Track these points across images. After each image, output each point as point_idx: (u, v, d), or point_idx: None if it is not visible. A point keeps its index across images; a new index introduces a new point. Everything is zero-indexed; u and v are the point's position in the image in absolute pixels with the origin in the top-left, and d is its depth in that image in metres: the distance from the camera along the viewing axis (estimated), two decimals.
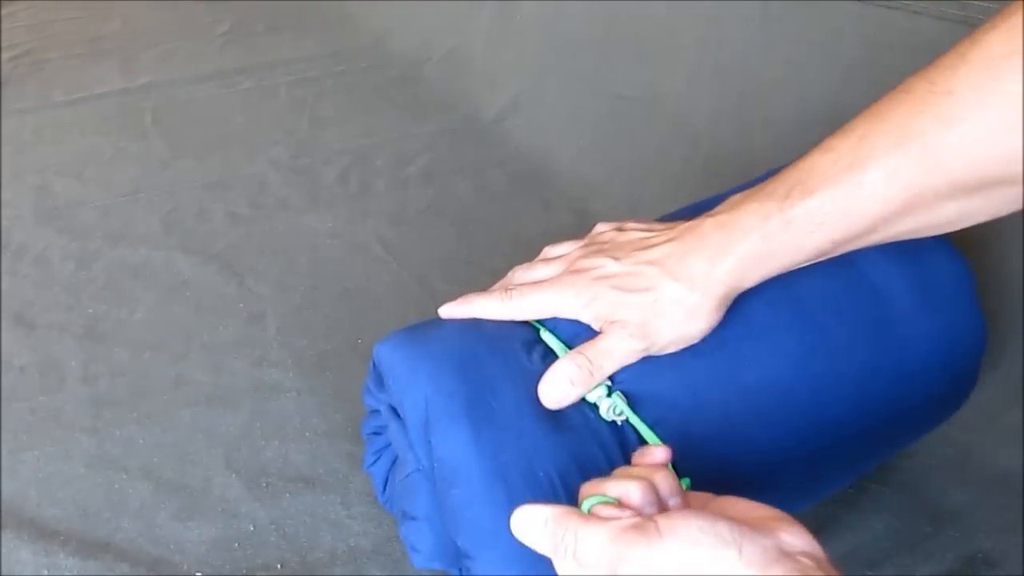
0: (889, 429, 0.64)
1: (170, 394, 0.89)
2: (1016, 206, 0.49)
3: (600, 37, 1.30)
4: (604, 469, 0.53)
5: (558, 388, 0.55)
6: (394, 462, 0.67)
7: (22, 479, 0.80)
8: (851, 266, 0.61)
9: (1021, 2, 0.45)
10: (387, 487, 0.69)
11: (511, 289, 0.61)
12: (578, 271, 0.59)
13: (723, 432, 0.56)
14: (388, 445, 0.68)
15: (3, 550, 0.73)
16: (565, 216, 1.17)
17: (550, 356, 0.58)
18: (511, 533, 0.50)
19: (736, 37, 1.06)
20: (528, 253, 1.09)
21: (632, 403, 0.56)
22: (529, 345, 0.59)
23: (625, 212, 1.14)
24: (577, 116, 1.31)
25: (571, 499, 0.51)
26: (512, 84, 1.44)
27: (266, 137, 1.43)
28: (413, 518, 0.61)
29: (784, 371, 0.58)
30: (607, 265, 0.58)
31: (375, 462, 0.70)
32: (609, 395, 0.55)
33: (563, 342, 0.58)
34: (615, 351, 0.56)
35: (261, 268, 1.09)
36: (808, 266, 0.57)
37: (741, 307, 0.58)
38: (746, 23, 1.04)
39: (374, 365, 0.64)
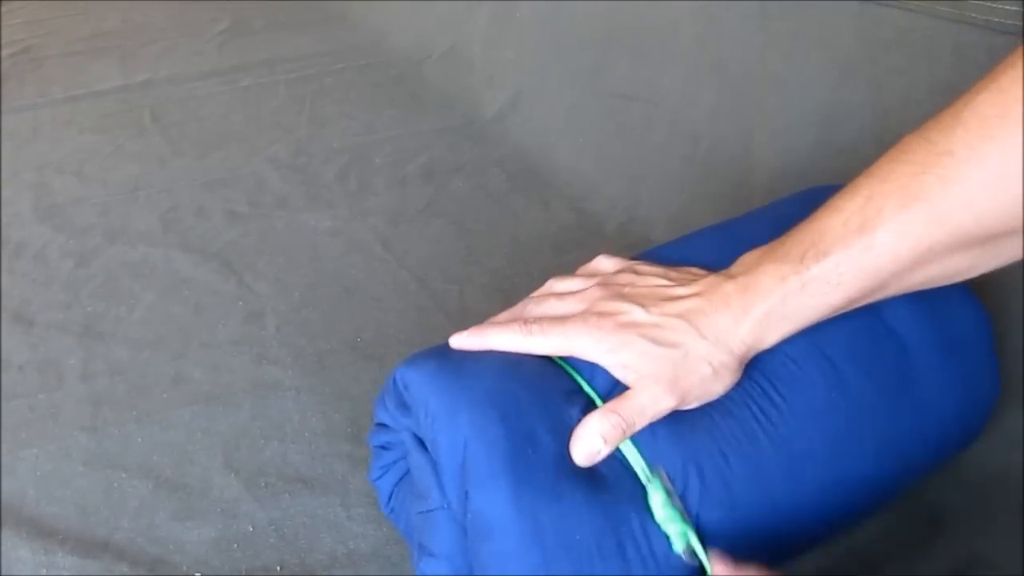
0: (904, 478, 0.65)
1: (169, 392, 0.89)
2: (1020, 254, 0.51)
3: (599, 36, 1.30)
4: (638, 534, 0.53)
5: (590, 445, 0.54)
6: (402, 478, 0.67)
7: (21, 477, 0.80)
8: (877, 319, 0.61)
9: (1008, 63, 0.48)
10: (391, 499, 0.69)
11: (531, 323, 0.60)
12: (602, 314, 0.58)
13: (750, 490, 0.56)
14: (396, 461, 0.67)
15: (2, 548, 0.73)
16: (564, 215, 1.17)
17: (592, 408, 0.57)
18: None
19: (735, 36, 1.06)
20: (527, 252, 1.10)
21: (670, 476, 0.55)
22: (569, 396, 0.57)
23: (624, 211, 1.14)
24: (576, 115, 1.31)
25: (605, 565, 0.51)
26: (511, 83, 1.44)
27: (265, 135, 1.43)
28: (432, 555, 0.60)
29: (809, 429, 0.58)
30: (633, 312, 0.57)
31: (382, 476, 0.69)
32: (684, 533, 0.54)
33: (599, 395, 0.57)
34: (648, 408, 0.55)
35: (260, 266, 1.09)
36: (833, 320, 0.57)
37: (764, 361, 0.58)
38: (745, 21, 1.03)
39: (395, 385, 0.62)
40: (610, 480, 0.55)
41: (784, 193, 0.75)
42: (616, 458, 0.55)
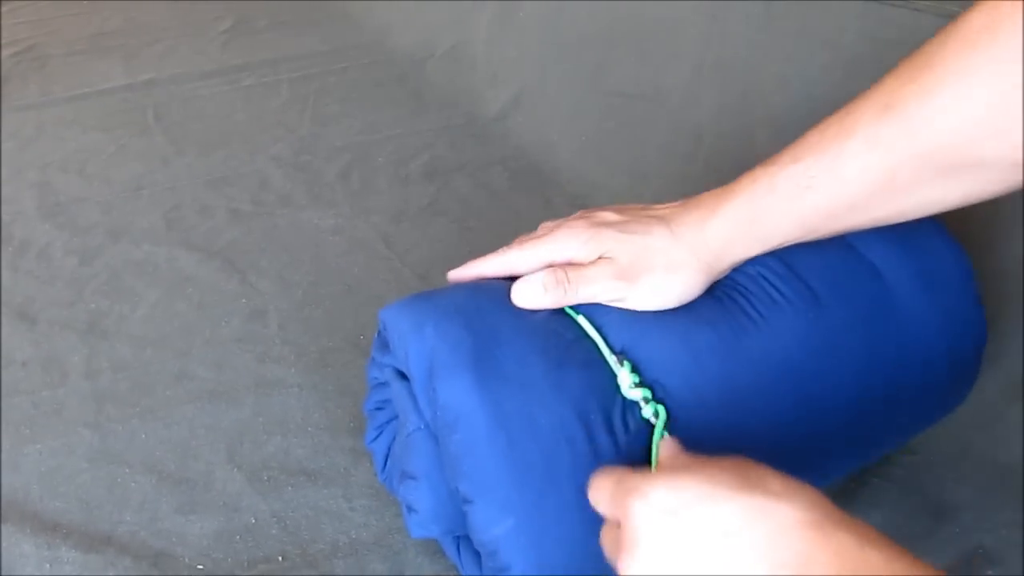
0: (891, 413, 0.65)
1: (172, 389, 0.89)
2: (998, 190, 0.50)
3: (602, 34, 1.30)
4: (602, 424, 0.54)
5: (531, 289, 0.58)
6: (395, 438, 0.68)
7: (24, 473, 0.80)
8: (850, 249, 0.63)
9: None
10: (387, 465, 0.70)
11: (516, 244, 0.64)
12: (580, 218, 0.63)
13: (725, 400, 0.57)
14: (390, 420, 0.69)
15: (5, 544, 0.73)
16: (566, 213, 1.15)
17: (558, 313, 0.60)
18: (510, 478, 0.53)
19: (739, 34, 1.06)
20: None
21: (636, 366, 0.57)
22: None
23: None
24: (578, 113, 1.31)
25: (573, 452, 0.53)
26: (514, 81, 1.44)
27: (268, 134, 1.43)
28: (412, 477, 0.62)
29: (787, 343, 0.59)
30: (609, 215, 0.62)
31: (376, 437, 0.71)
32: (650, 402, 0.56)
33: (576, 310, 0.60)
34: (595, 280, 0.58)
35: (263, 264, 1.09)
36: (807, 247, 0.58)
37: (741, 282, 0.60)
38: (749, 20, 1.04)
39: (379, 333, 0.66)
40: (577, 368, 0.56)
41: None
42: (585, 348, 0.57)
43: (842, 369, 0.60)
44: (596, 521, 0.50)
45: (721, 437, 0.56)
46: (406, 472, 0.63)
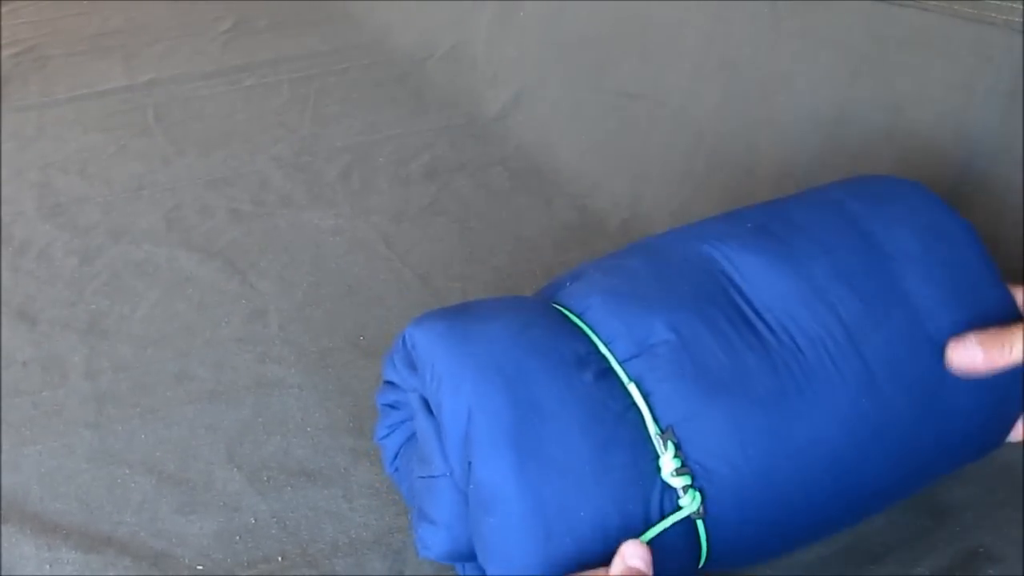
0: (920, 484, 0.64)
1: (172, 390, 0.89)
2: None
3: (603, 34, 1.30)
4: (639, 515, 0.52)
5: (967, 350, 0.56)
6: (408, 439, 0.67)
7: (24, 474, 0.80)
8: (914, 317, 0.59)
9: None
10: (397, 459, 0.69)
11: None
12: None
13: (763, 491, 0.55)
14: (404, 421, 0.68)
15: (5, 544, 0.73)
16: (566, 212, 1.17)
17: (606, 376, 0.56)
18: (542, 570, 0.51)
19: (743, 34, 1.06)
20: (530, 250, 1.10)
21: (680, 446, 0.54)
22: (582, 359, 0.57)
23: (627, 208, 1.14)
24: (579, 113, 1.31)
25: (607, 543, 0.51)
26: (514, 81, 1.44)
27: (268, 134, 1.43)
28: (432, 522, 0.59)
29: (835, 435, 0.56)
30: None
31: (388, 435, 0.69)
32: (689, 490, 0.53)
33: (616, 358, 0.57)
34: None
35: (263, 265, 1.09)
36: (869, 309, 0.57)
37: (800, 344, 0.57)
38: (754, 20, 1.03)
39: (403, 344, 0.62)
40: (622, 462, 0.54)
41: (789, 189, 0.75)
42: (631, 423, 0.55)
43: (888, 460, 0.58)
44: None
45: (753, 529, 0.55)
46: (424, 513, 0.61)
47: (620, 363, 0.57)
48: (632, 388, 0.56)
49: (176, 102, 1.58)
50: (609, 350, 0.58)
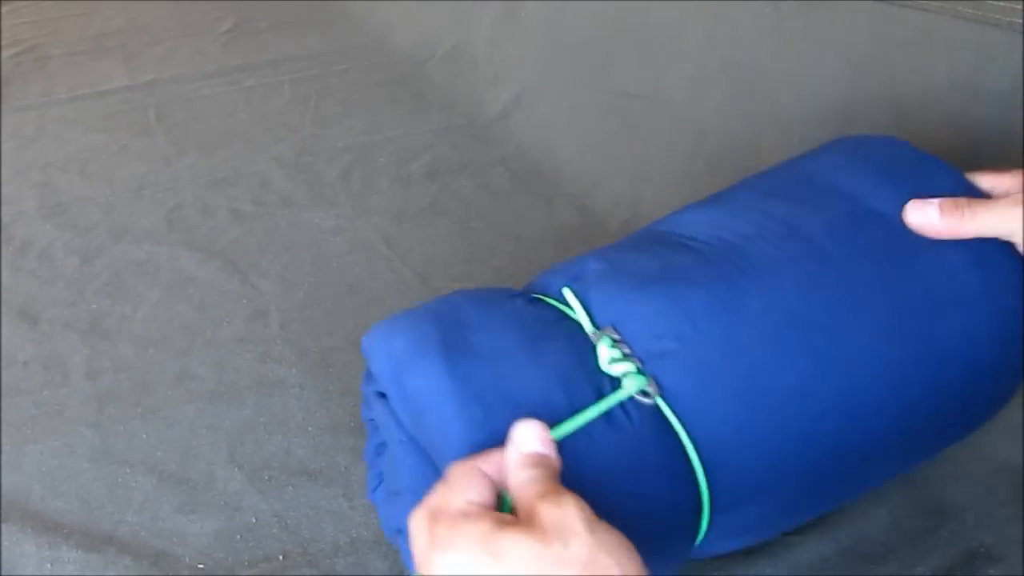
0: (930, 391, 0.56)
1: (173, 389, 0.89)
2: None
3: (604, 34, 1.30)
4: (590, 393, 0.51)
5: (925, 208, 0.56)
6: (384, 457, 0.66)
7: (26, 473, 0.80)
8: (856, 203, 0.58)
9: None
10: (379, 486, 0.68)
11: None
12: None
13: (731, 364, 0.52)
14: (380, 442, 0.67)
15: (6, 544, 0.73)
16: (567, 213, 1.17)
17: (537, 301, 0.57)
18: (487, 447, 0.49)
19: (746, 34, 1.06)
20: (530, 250, 1.10)
21: (624, 335, 0.53)
22: (513, 295, 0.59)
23: (627, 208, 1.15)
24: (580, 113, 1.31)
25: (552, 416, 0.49)
26: (515, 81, 1.44)
27: (269, 134, 1.43)
28: (398, 493, 0.59)
29: (794, 300, 0.54)
30: None
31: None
32: (639, 373, 0.52)
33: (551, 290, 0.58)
34: (997, 208, 0.56)
35: (264, 265, 1.09)
36: (812, 207, 0.57)
37: (734, 242, 0.57)
38: (757, 20, 1.03)
39: (367, 368, 0.63)
40: (558, 341, 0.54)
41: None
42: (568, 327, 0.55)
43: (864, 325, 0.54)
44: (591, 499, 0.47)
45: (732, 403, 0.52)
46: (392, 491, 0.60)
47: (553, 296, 0.58)
48: (567, 292, 0.57)
49: (177, 102, 1.58)
50: (540, 292, 0.59)
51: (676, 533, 0.53)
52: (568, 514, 0.41)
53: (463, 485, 0.45)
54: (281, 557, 0.71)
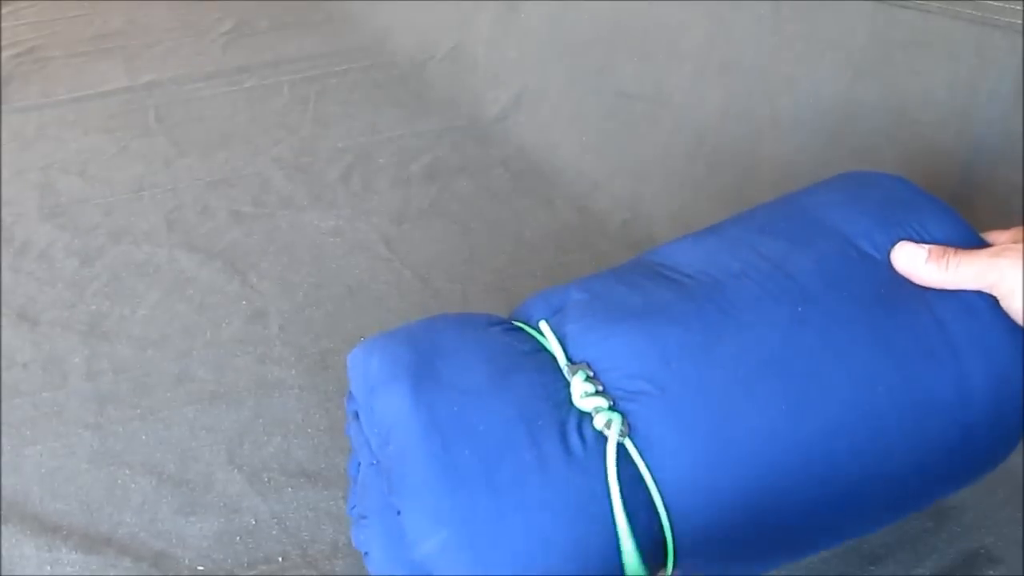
0: (913, 443, 0.54)
1: (173, 391, 0.89)
2: None
3: (604, 36, 1.30)
4: (552, 431, 0.50)
5: (913, 252, 0.55)
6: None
7: (25, 475, 0.80)
8: (848, 244, 0.57)
9: None
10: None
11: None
12: None
13: (703, 404, 0.51)
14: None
15: (6, 545, 0.73)
16: (567, 214, 1.17)
17: (516, 330, 0.57)
18: (442, 485, 0.48)
19: (746, 36, 1.06)
20: (530, 251, 1.10)
21: (598, 371, 0.52)
22: (492, 322, 0.58)
23: (627, 209, 1.15)
24: (580, 114, 1.31)
25: (513, 456, 0.48)
26: (515, 82, 1.44)
27: (269, 135, 1.43)
28: (364, 516, 0.58)
29: (768, 338, 0.52)
30: None
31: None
32: (602, 411, 0.51)
33: (532, 321, 0.58)
34: (977, 259, 0.54)
35: (264, 266, 1.09)
36: (802, 246, 0.56)
37: (719, 279, 0.56)
38: (757, 22, 1.04)
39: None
40: (527, 374, 0.53)
41: (791, 191, 0.74)
42: (541, 360, 0.54)
43: (844, 371, 0.52)
44: (543, 537, 0.46)
45: (702, 448, 0.50)
46: (360, 512, 0.59)
47: (533, 325, 0.57)
48: (543, 325, 0.56)
49: (177, 103, 1.58)
50: (523, 321, 0.58)
51: None
52: None
53: None
54: (280, 559, 0.71)
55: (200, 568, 0.71)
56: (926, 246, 0.55)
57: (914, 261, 0.55)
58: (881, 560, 0.67)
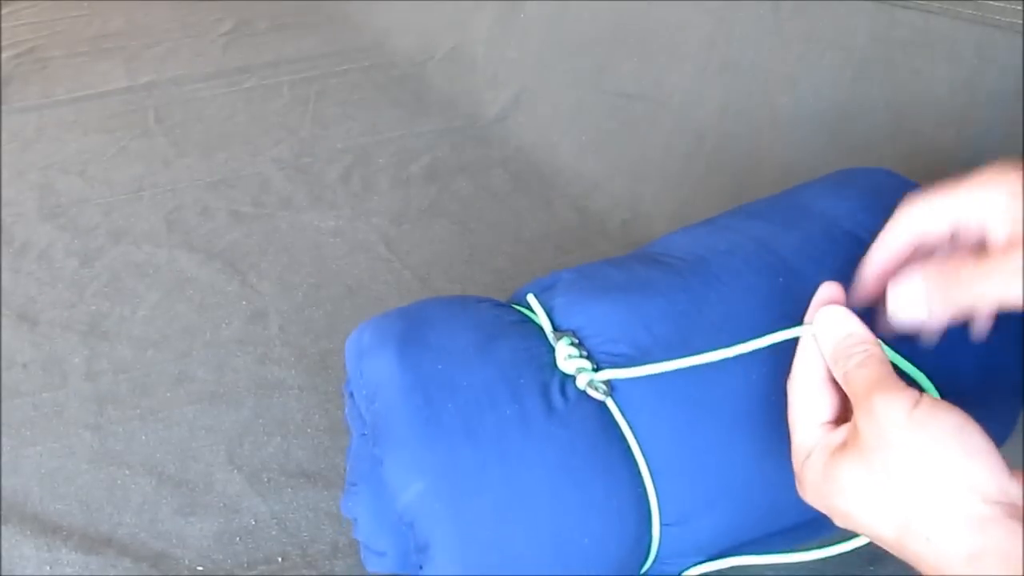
0: None
1: (173, 391, 0.89)
2: None
3: (604, 36, 1.30)
4: (534, 389, 0.51)
5: (908, 295, 0.45)
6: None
7: (25, 475, 0.80)
8: (832, 224, 0.58)
9: None
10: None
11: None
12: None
13: (682, 370, 0.51)
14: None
15: (6, 546, 0.73)
16: (567, 214, 1.17)
17: (504, 305, 0.58)
18: (421, 436, 0.49)
19: (746, 36, 1.06)
20: (530, 251, 1.10)
21: (583, 339, 0.54)
22: (481, 300, 0.59)
23: (627, 208, 1.14)
24: (579, 114, 1.31)
25: (493, 410, 0.50)
26: (514, 82, 1.44)
27: (269, 136, 1.43)
28: (353, 483, 0.59)
29: (751, 307, 0.53)
30: None
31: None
32: (584, 371, 0.52)
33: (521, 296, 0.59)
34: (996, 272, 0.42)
35: (263, 266, 1.09)
36: (787, 227, 0.57)
37: (703, 255, 0.57)
38: (757, 21, 1.04)
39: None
40: (511, 340, 0.54)
41: None
42: (527, 329, 0.56)
43: None
44: (527, 490, 0.47)
45: (683, 410, 0.51)
46: (350, 480, 0.60)
47: (522, 300, 0.59)
48: (531, 298, 0.58)
49: (177, 104, 1.58)
50: (514, 302, 0.60)
51: (623, 544, 0.52)
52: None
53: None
54: (280, 559, 0.71)
55: (200, 568, 0.71)
56: (916, 274, 0.45)
57: (913, 299, 0.45)
58: (880, 560, 0.67)
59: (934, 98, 0.83)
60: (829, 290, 0.46)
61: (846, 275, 0.53)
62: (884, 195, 0.58)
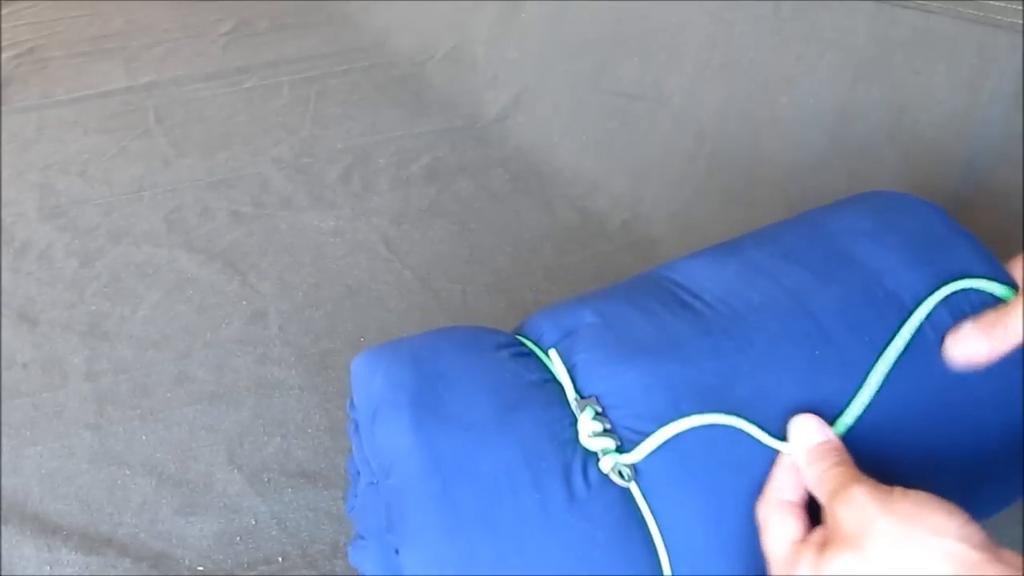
0: (921, 474, 0.53)
1: (173, 391, 0.89)
2: None
3: (605, 36, 1.30)
4: (556, 472, 0.49)
5: (965, 341, 0.51)
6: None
7: (25, 475, 0.80)
8: (872, 281, 0.55)
9: None
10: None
11: None
12: None
13: (710, 449, 0.50)
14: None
15: (6, 546, 0.73)
16: (566, 214, 1.17)
17: (526, 356, 0.55)
18: (440, 527, 0.47)
19: (746, 36, 1.06)
20: (529, 251, 1.10)
21: (607, 408, 0.51)
22: (501, 345, 0.56)
23: (626, 209, 1.14)
24: (579, 114, 1.31)
25: (514, 498, 0.48)
26: (514, 82, 1.44)
27: (269, 136, 1.43)
28: (361, 537, 0.57)
29: (788, 387, 0.51)
30: None
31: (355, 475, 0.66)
32: (610, 453, 0.49)
33: (543, 347, 0.56)
34: None
35: (263, 266, 1.09)
36: (824, 281, 0.54)
37: (739, 311, 0.54)
38: (757, 22, 1.04)
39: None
40: (533, 410, 0.51)
41: (791, 191, 0.74)
42: (548, 391, 0.53)
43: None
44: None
45: (707, 498, 0.50)
46: (358, 531, 0.58)
47: (543, 347, 0.55)
48: (553, 354, 0.54)
49: (177, 104, 1.58)
50: (533, 341, 0.56)
51: None
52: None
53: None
54: (280, 559, 0.71)
55: (200, 568, 0.71)
56: (966, 325, 0.51)
57: (976, 351, 0.51)
58: None
59: (934, 98, 0.83)
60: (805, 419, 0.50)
61: (881, 345, 0.53)
62: (928, 244, 0.56)
